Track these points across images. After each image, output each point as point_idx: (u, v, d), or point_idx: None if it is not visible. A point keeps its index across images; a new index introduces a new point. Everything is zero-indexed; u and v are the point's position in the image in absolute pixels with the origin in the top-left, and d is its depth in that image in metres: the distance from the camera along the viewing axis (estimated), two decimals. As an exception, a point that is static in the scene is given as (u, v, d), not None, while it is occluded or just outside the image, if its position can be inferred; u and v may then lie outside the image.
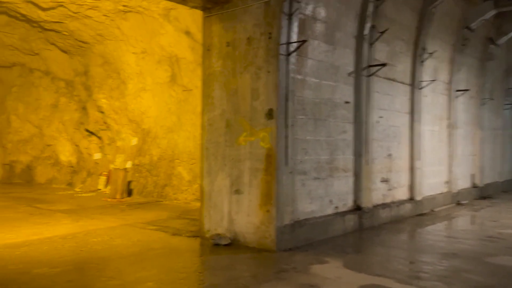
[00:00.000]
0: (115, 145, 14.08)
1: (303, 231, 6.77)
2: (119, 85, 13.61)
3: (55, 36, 14.32)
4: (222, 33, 6.99)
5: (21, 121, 17.11)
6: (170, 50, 11.90)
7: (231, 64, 6.87)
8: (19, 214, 9.25)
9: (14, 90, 17.19)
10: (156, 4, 11.30)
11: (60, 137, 15.97)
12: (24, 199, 11.69)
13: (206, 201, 7.13)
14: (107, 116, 14.16)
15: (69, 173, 15.78)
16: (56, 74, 15.87)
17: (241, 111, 6.72)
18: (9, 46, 15.68)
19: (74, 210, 9.81)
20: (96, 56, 14.11)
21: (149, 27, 12.00)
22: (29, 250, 6.13)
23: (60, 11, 12.47)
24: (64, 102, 15.71)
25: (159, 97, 12.50)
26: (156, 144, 12.61)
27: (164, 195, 12.04)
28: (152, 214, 9.50)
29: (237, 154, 6.74)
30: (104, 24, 12.84)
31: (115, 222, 8.40)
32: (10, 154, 17.65)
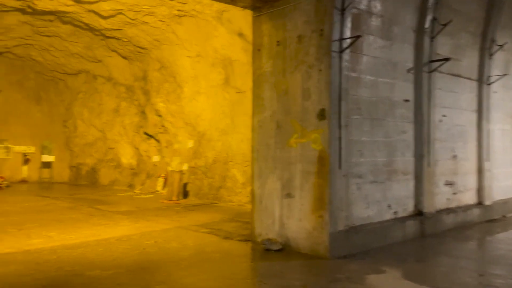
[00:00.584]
0: (172, 147, 14.34)
1: (359, 238, 6.41)
2: (175, 88, 13.85)
3: (115, 43, 14.88)
4: (272, 32, 6.81)
5: (86, 126, 17.97)
6: (224, 52, 11.90)
7: (281, 63, 6.66)
8: (81, 215, 9.61)
9: (80, 96, 18.09)
10: (209, 7, 11.36)
11: (121, 140, 16.56)
12: (87, 200, 12.19)
13: (257, 205, 6.97)
14: (165, 120, 14.46)
15: (130, 175, 16.31)
16: (117, 79, 16.49)
17: (292, 112, 6.49)
18: (75, 55, 16.53)
19: (132, 212, 10.05)
20: (154, 61, 14.47)
21: (202, 31, 12.09)
22: (85, 252, 6.28)
23: (119, 18, 12.91)
24: (124, 107, 16.27)
25: (213, 99, 12.56)
26: (211, 146, 12.68)
27: (219, 197, 12.06)
28: (206, 216, 9.50)
29: (288, 157, 6.52)
30: (160, 29, 13.12)
31: (169, 224, 8.47)
32: (76, 157, 18.60)
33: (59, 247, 6.53)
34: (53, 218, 9.10)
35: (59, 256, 6.03)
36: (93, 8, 12.29)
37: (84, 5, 12.16)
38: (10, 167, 18.08)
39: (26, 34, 15.35)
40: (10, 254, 6.17)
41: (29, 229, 7.96)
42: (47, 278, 5.03)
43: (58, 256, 6.02)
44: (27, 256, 6.04)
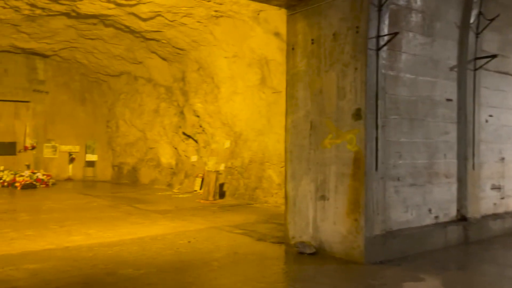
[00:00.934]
0: (210, 148, 14.44)
1: (396, 243, 6.15)
2: (213, 89, 13.92)
3: (155, 45, 15.15)
4: (306, 30, 6.66)
5: (128, 126, 18.42)
6: (260, 52, 11.84)
7: (315, 62, 6.50)
8: (120, 213, 9.82)
9: (122, 97, 18.57)
10: (245, 7, 11.32)
11: (161, 140, 16.85)
12: (127, 199, 12.47)
13: (291, 207, 6.85)
14: (202, 120, 14.57)
15: (169, 175, 16.57)
16: (157, 81, 16.79)
17: (326, 111, 6.32)
18: (117, 56, 16.98)
19: (168, 211, 10.17)
20: (192, 62, 14.62)
21: (239, 31, 12.08)
22: (120, 250, 6.38)
23: (158, 20, 13.12)
24: (164, 107, 16.55)
25: (250, 100, 12.52)
26: (247, 146, 12.65)
27: (255, 197, 12.00)
28: (241, 217, 9.46)
29: (322, 158, 6.35)
30: (198, 31, 13.23)
31: (204, 224, 8.49)
32: (118, 157, 19.11)
33: (96, 245, 6.68)
34: (93, 216, 9.35)
35: (95, 254, 6.15)
36: (133, 10, 12.55)
37: (124, 8, 12.44)
38: (57, 166, 18.81)
39: (72, 38, 15.92)
40: (50, 250, 6.36)
41: (70, 226, 8.20)
42: (81, 276, 5.13)
43: (94, 254, 6.15)
44: (66, 253, 6.21)
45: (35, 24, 14.49)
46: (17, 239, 7.00)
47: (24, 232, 7.59)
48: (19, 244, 6.67)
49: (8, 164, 17.45)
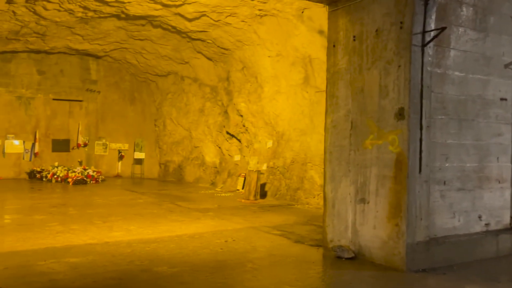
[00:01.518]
0: (252, 147, 14.41)
1: (441, 250, 5.80)
2: (256, 88, 13.88)
3: (201, 45, 15.33)
4: (348, 26, 6.44)
5: (174, 125, 18.78)
6: (304, 51, 11.65)
7: (357, 59, 6.26)
8: (161, 210, 9.98)
9: (169, 97, 18.97)
10: (289, 5, 11.18)
11: (206, 139, 17.04)
12: (170, 196, 12.68)
13: (329, 209, 6.64)
14: (246, 119, 14.57)
15: (212, 173, 16.73)
16: (203, 80, 16.99)
17: (368, 111, 6.07)
18: (164, 57, 17.36)
19: (209, 209, 10.22)
20: (236, 62, 14.65)
21: (283, 29, 11.95)
22: (157, 247, 6.44)
23: (203, 20, 13.25)
24: (209, 107, 16.71)
25: (293, 99, 12.37)
26: (290, 147, 12.49)
27: (296, 198, 11.83)
28: (280, 218, 9.34)
29: (362, 159, 6.11)
30: (242, 30, 13.23)
31: (242, 224, 8.44)
32: (165, 155, 19.54)
33: (135, 241, 6.79)
34: (135, 212, 9.56)
35: (133, 250, 6.25)
36: (179, 11, 12.74)
37: (170, 8, 12.65)
38: (107, 163, 19.51)
39: (122, 39, 16.43)
40: (91, 245, 6.53)
41: (113, 221, 8.41)
42: (117, 271, 5.21)
43: (132, 250, 6.25)
44: (105, 248, 6.35)
45: (88, 26, 15.07)
46: (62, 233, 7.26)
47: (69, 226, 7.86)
48: (63, 238, 6.91)
49: (62, 160, 18.31)
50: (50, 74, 18.29)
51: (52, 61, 18.27)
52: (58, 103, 18.52)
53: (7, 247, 6.28)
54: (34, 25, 14.55)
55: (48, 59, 18.16)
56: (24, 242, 6.59)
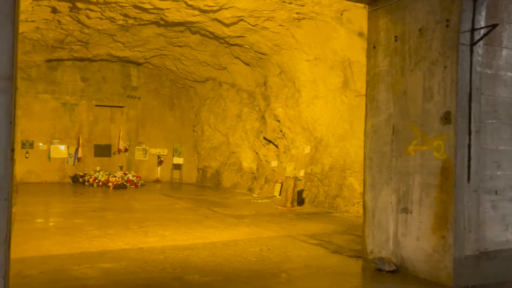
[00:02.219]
0: (290, 153, 14.17)
1: (493, 266, 5.35)
2: (294, 93, 13.66)
3: (238, 50, 15.29)
4: (389, 26, 6.12)
5: (212, 130, 18.83)
6: (343, 54, 11.33)
7: (399, 61, 5.93)
8: (197, 216, 9.91)
9: (207, 102, 19.06)
10: (328, 8, 10.92)
11: (243, 145, 16.95)
12: (207, 202, 12.63)
13: (369, 218, 6.30)
14: (283, 125, 14.36)
15: (250, 179, 16.60)
16: (240, 86, 16.95)
17: (411, 115, 5.71)
18: (202, 63, 17.46)
19: (244, 216, 10.05)
20: (274, 66, 14.49)
21: (322, 33, 11.68)
22: (191, 254, 6.33)
23: (241, 25, 13.19)
24: (246, 112, 16.63)
25: (331, 104, 12.05)
26: (328, 152, 12.16)
27: (335, 206, 11.47)
28: (318, 226, 9.04)
29: (405, 166, 5.75)
30: (280, 34, 13.07)
31: (278, 232, 8.21)
32: (203, 160, 19.61)
33: (169, 248, 6.70)
34: (171, 218, 9.53)
35: (166, 257, 6.15)
36: (216, 16, 12.74)
37: (208, 14, 12.68)
38: (147, 168, 19.82)
39: (161, 45, 16.68)
40: (125, 250, 6.50)
41: (148, 227, 8.40)
42: (148, 279, 5.12)
43: (165, 257, 6.16)
44: (139, 254, 6.30)
45: (129, 33, 15.38)
46: (98, 237, 7.29)
47: (106, 230, 7.91)
48: (99, 243, 6.93)
49: (104, 165, 18.75)
50: (93, 81, 18.82)
51: (95, 68, 18.80)
52: (100, 109, 19.01)
53: (45, 251, 6.35)
54: (78, 33, 15.00)
55: (91, 66, 18.69)
56: (62, 246, 6.65)
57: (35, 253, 6.21)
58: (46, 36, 15.00)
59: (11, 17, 3.15)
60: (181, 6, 12.39)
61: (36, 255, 6.10)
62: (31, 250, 6.33)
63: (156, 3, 12.19)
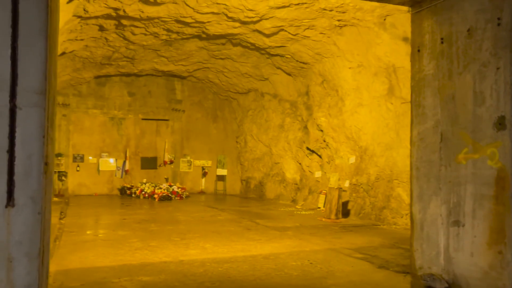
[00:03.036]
0: (334, 163, 13.83)
1: (559, 285, 4.84)
2: (337, 102, 13.36)
3: (279, 60, 15.21)
4: (434, 28, 5.78)
5: (255, 141, 18.79)
6: (387, 60, 10.95)
7: (446, 64, 5.58)
8: (239, 228, 9.81)
9: (250, 113, 19.07)
10: (370, 13, 10.61)
11: (286, 155, 16.76)
12: (249, 213, 12.52)
13: (417, 232, 5.93)
14: (326, 134, 14.06)
15: (293, 190, 16.36)
16: (282, 96, 16.83)
17: (460, 121, 5.34)
18: (244, 74, 17.53)
19: (287, 228, 9.84)
20: (316, 75, 14.28)
21: (364, 39, 11.37)
22: (230, 268, 6.21)
23: (281, 35, 13.11)
24: (288, 122, 16.46)
25: (376, 111, 11.65)
26: (373, 162, 11.74)
27: (382, 218, 11.01)
28: (364, 239, 8.67)
29: (455, 176, 5.36)
30: (321, 42, 12.86)
31: (321, 245, 7.94)
32: (246, 171, 19.58)
33: (209, 260, 6.62)
34: (213, 230, 9.48)
35: (206, 270, 6.07)
36: (257, 27, 12.74)
37: (248, 25, 12.69)
38: (191, 179, 20.04)
39: (204, 58, 16.91)
40: (165, 263, 6.48)
41: (190, 239, 8.38)
42: (186, 293, 5.04)
43: (205, 270, 6.07)
44: (179, 267, 6.25)
45: (172, 48, 15.71)
46: (140, 250, 7.33)
47: (148, 242, 7.96)
48: (140, 255, 6.96)
49: (150, 177, 19.14)
50: (139, 95, 19.35)
51: (141, 83, 19.33)
52: (146, 122, 19.49)
53: (89, 263, 6.44)
54: (124, 49, 15.49)
55: (137, 81, 19.25)
56: (104, 258, 6.73)
57: (79, 264, 6.31)
58: (95, 54, 15.59)
59: (44, 32, 3.17)
60: (221, 19, 12.49)
61: (80, 266, 6.19)
62: (76, 262, 6.44)
63: (197, 16, 12.35)
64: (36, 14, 3.11)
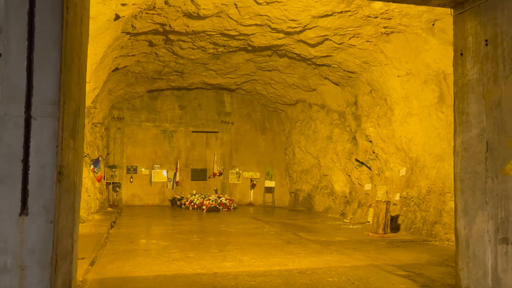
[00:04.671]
0: (384, 175, 13.28)
1: None
2: (386, 111, 12.87)
3: (326, 70, 14.97)
4: (478, 30, 5.39)
5: (303, 153, 18.54)
6: (436, 67, 10.41)
7: (491, 67, 5.16)
8: (280, 241, 9.61)
9: (298, 125, 18.88)
10: (417, 18, 10.17)
11: (334, 167, 16.36)
12: (294, 226, 12.27)
13: (462, 249, 5.47)
14: (375, 145, 13.57)
15: (342, 203, 15.90)
16: (330, 106, 16.52)
17: (507, 128, 4.89)
18: (292, 85, 17.42)
19: (330, 242, 9.51)
20: (364, 85, 13.88)
21: (412, 46, 10.90)
22: (263, 282, 6.05)
23: (326, 45, 12.90)
24: (337, 133, 16.10)
25: (426, 121, 11.07)
26: (424, 174, 11.13)
27: (434, 234, 10.36)
28: (410, 255, 8.18)
29: (502, 189, 4.90)
30: (368, 51, 12.50)
31: (362, 261, 7.57)
32: (295, 183, 19.34)
33: (242, 274, 6.50)
34: (253, 242, 9.36)
35: (238, 283, 5.95)
36: (301, 37, 12.62)
37: (292, 36, 12.61)
38: (240, 191, 20.10)
39: (251, 71, 17.02)
40: (199, 275, 6.44)
41: (229, 251, 8.32)
42: (212, 306, 4.95)
43: (236, 283, 5.96)
44: (211, 279, 6.18)
45: (220, 61, 15.96)
46: (177, 260, 7.36)
47: (187, 253, 7.98)
48: (176, 266, 6.98)
49: (200, 188, 19.42)
50: (190, 108, 19.79)
51: (192, 96, 19.78)
52: (196, 135, 19.87)
53: (125, 272, 6.54)
54: (173, 64, 15.93)
55: (188, 94, 19.72)
56: (141, 268, 6.81)
57: (116, 274, 6.42)
58: (146, 68, 16.15)
59: (58, 44, 3.24)
60: (265, 30, 12.50)
61: (116, 276, 6.30)
62: (114, 271, 6.56)
63: (241, 29, 12.45)
64: (51, 27, 3.18)
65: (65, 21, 3.25)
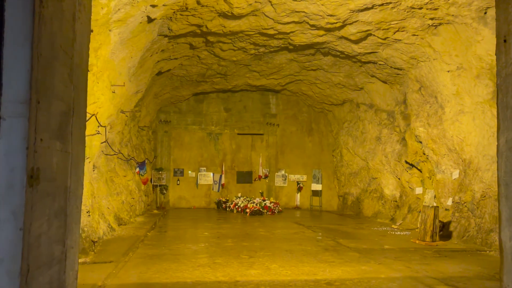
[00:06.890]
0: (435, 178, 12.34)
1: None
2: (437, 110, 11.95)
3: (373, 68, 14.22)
4: (524, 11, 4.66)
5: (351, 155, 17.80)
6: (490, 59, 9.45)
7: (539, 54, 4.44)
8: (316, 248, 9.13)
9: (345, 126, 18.17)
10: (467, 7, 9.30)
11: (383, 170, 15.52)
12: (336, 232, 11.69)
13: (507, 263, 4.73)
14: (425, 146, 12.65)
15: (392, 208, 15.03)
16: (379, 106, 15.71)
17: (558, 125, 4.16)
18: (338, 85, 16.78)
19: (370, 250, 8.89)
20: (412, 82, 13.01)
21: (462, 37, 10.00)
22: (284, 292, 5.65)
23: (370, 40, 12.21)
24: (386, 134, 15.26)
25: (480, 119, 10.10)
26: (478, 177, 10.15)
27: (490, 243, 9.40)
28: (457, 267, 7.40)
29: (553, 195, 4.17)
30: (415, 45, 11.68)
31: (401, 272, 6.93)
32: (343, 186, 18.61)
33: (265, 283, 6.14)
34: (287, 248, 8.95)
35: (257, 293, 5.61)
36: (342, 33, 12.03)
37: (333, 32, 12.06)
38: (286, 194, 19.68)
39: (295, 71, 16.60)
40: (219, 283, 6.16)
41: (258, 257, 7.98)
42: (221, 319, 4.63)
43: (256, 293, 5.62)
44: (232, 288, 5.88)
45: (262, 62, 15.69)
46: (202, 267, 7.13)
47: (215, 259, 7.74)
48: (199, 272, 6.74)
49: (245, 191, 19.23)
50: (235, 110, 19.69)
51: (237, 98, 19.67)
52: (241, 137, 19.72)
53: (146, 278, 6.40)
54: (216, 66, 15.87)
55: (233, 97, 19.63)
56: (163, 273, 6.65)
57: (136, 279, 6.29)
58: (190, 72, 16.22)
59: (29, 39, 3.05)
60: (304, 28, 12.05)
61: (135, 282, 6.17)
62: (135, 277, 6.44)
63: (279, 27, 12.09)
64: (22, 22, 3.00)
65: (37, 15, 3.05)
